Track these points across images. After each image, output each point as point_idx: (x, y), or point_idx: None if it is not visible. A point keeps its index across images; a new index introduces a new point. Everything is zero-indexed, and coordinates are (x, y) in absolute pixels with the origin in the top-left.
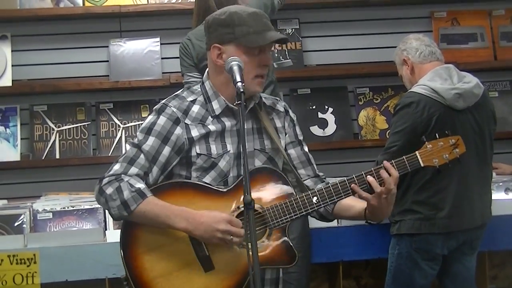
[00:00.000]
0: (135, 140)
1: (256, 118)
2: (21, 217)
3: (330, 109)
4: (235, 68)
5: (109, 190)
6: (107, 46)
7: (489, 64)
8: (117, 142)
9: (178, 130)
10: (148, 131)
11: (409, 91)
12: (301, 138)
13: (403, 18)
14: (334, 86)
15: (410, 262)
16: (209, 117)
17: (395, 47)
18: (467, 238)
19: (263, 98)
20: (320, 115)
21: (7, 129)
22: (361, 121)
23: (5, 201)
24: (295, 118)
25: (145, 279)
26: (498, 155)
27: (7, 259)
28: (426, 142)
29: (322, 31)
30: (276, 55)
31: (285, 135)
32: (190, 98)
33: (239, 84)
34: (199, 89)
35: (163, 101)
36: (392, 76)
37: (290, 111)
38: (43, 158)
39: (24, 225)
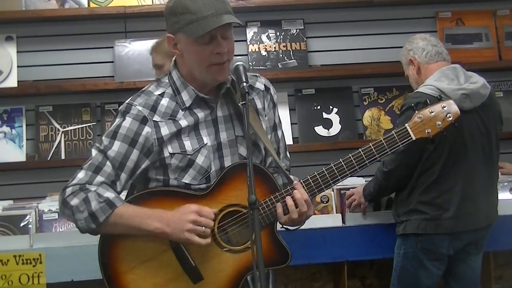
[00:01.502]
0: (101, 146)
1: (233, 103)
2: (27, 217)
3: (335, 109)
4: (241, 69)
5: (75, 201)
6: (112, 47)
7: (494, 64)
8: (88, 162)
9: (146, 130)
10: (114, 135)
11: (415, 91)
12: (277, 121)
13: (408, 19)
14: (339, 86)
15: (415, 262)
16: (180, 110)
17: (400, 47)
18: (473, 238)
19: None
20: (324, 115)
21: (13, 130)
22: (365, 121)
23: (11, 202)
24: (275, 97)
25: None
26: (504, 155)
27: (13, 259)
28: (416, 112)
29: (327, 32)
30: (281, 55)
31: (265, 117)
32: (158, 92)
33: (244, 84)
34: (167, 81)
35: (127, 100)
36: (397, 76)
37: (271, 88)
38: (48, 158)
39: (30, 226)
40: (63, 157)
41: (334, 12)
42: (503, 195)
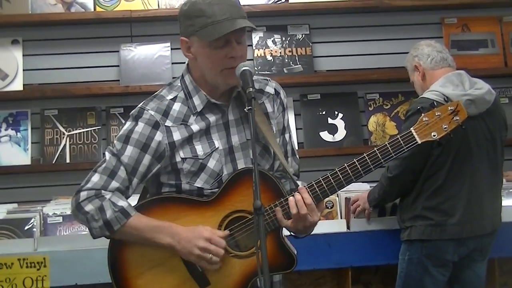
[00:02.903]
0: (114, 149)
1: (244, 106)
2: (31, 221)
3: (340, 115)
4: (247, 74)
5: (89, 208)
6: (118, 51)
7: (499, 71)
8: (103, 166)
9: (158, 136)
10: (126, 139)
11: (420, 96)
12: (286, 124)
13: (413, 24)
14: (344, 91)
15: (420, 268)
16: (191, 115)
17: (405, 53)
18: (478, 244)
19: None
20: (330, 120)
21: (18, 133)
22: (371, 126)
23: (15, 205)
24: (285, 100)
25: None
26: (509, 161)
27: (17, 262)
28: (423, 115)
29: (333, 37)
30: (287, 60)
31: (274, 120)
32: (170, 96)
33: (250, 89)
34: (179, 84)
35: (140, 105)
36: (402, 82)
37: (281, 92)
38: (53, 162)
39: (34, 229)
40: (68, 160)
41: (340, 17)
42: (508, 202)
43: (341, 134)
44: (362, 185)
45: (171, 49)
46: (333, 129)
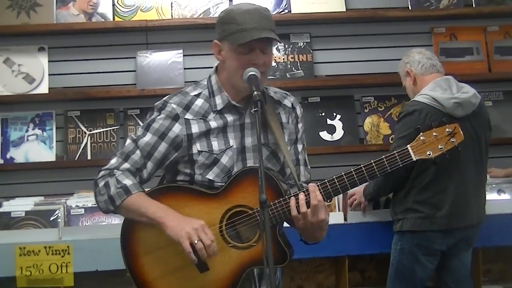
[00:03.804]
0: (135, 136)
1: (261, 112)
2: (56, 212)
3: (338, 116)
4: (252, 78)
5: (100, 184)
6: (135, 57)
7: (484, 76)
8: (122, 149)
9: (177, 127)
10: (147, 127)
11: (412, 100)
12: (299, 136)
13: (406, 33)
14: (342, 95)
15: (411, 257)
16: (211, 112)
17: (398, 59)
18: (464, 235)
19: (271, 93)
20: (329, 121)
21: (44, 133)
22: (366, 127)
23: (41, 198)
24: (300, 115)
25: (145, 280)
26: (492, 159)
27: (44, 250)
28: (421, 134)
29: (331, 45)
30: (289, 66)
31: (287, 130)
32: (194, 93)
33: (255, 93)
34: (205, 83)
35: (164, 98)
36: (395, 86)
37: (298, 107)
38: (76, 159)
39: (59, 220)
40: (89, 157)
41: (338, 27)
42: (491, 196)
43: (339, 134)
44: None
45: (183, 55)
46: (331, 129)
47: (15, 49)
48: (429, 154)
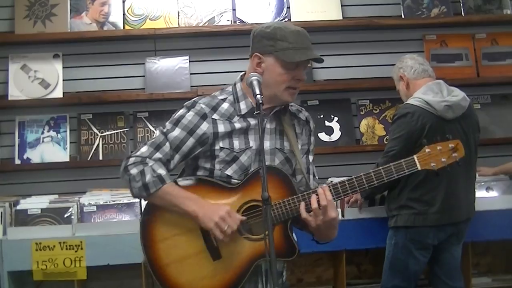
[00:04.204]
0: (164, 129)
1: (279, 121)
2: (70, 209)
3: (336, 118)
4: (255, 83)
5: (134, 171)
6: (144, 63)
7: (472, 80)
8: (151, 140)
9: (205, 125)
10: (176, 122)
11: (405, 103)
12: (311, 147)
13: (399, 40)
14: (339, 98)
15: (405, 251)
16: (236, 115)
17: (392, 65)
18: (455, 230)
19: (289, 105)
20: (327, 123)
21: (58, 134)
22: (362, 128)
23: (56, 196)
24: (313, 129)
25: (160, 264)
26: (481, 159)
27: (58, 245)
28: (426, 146)
29: (329, 51)
30: None
31: (300, 140)
32: (221, 97)
33: (258, 96)
34: (230, 90)
35: (194, 99)
36: (390, 90)
37: (311, 122)
38: (88, 159)
39: (73, 217)
40: (101, 158)
41: (335, 34)
42: (480, 194)
43: (336, 135)
44: None
45: (190, 61)
46: (329, 131)
47: (31, 56)
48: (433, 166)
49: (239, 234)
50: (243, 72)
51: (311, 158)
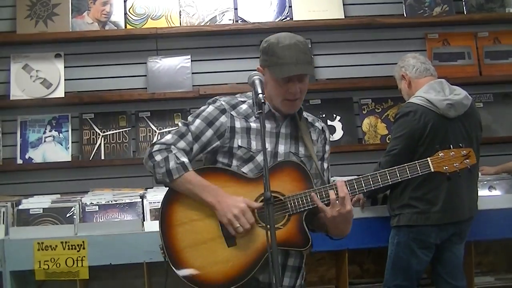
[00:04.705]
0: (186, 120)
1: (295, 126)
2: (72, 209)
3: (338, 117)
4: (256, 82)
5: (158, 158)
6: (145, 63)
7: (475, 79)
8: (175, 129)
9: (223, 118)
10: (197, 115)
11: (407, 101)
12: (326, 156)
13: (401, 39)
14: (341, 97)
15: (407, 250)
16: (253, 116)
17: (394, 64)
18: (457, 229)
19: (305, 115)
20: (329, 122)
21: (60, 134)
22: (364, 127)
23: (58, 196)
24: (328, 139)
25: (176, 248)
26: (483, 157)
27: (60, 245)
28: (439, 151)
29: (331, 50)
30: None
31: (316, 147)
32: (241, 99)
33: (260, 95)
34: (251, 94)
35: (216, 97)
36: (392, 89)
37: (327, 132)
38: (90, 159)
39: (75, 216)
40: (102, 157)
41: (338, 33)
42: (483, 193)
43: (338, 134)
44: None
45: (191, 61)
46: (331, 130)
47: (33, 56)
48: (446, 169)
49: (255, 223)
50: None
51: (325, 165)
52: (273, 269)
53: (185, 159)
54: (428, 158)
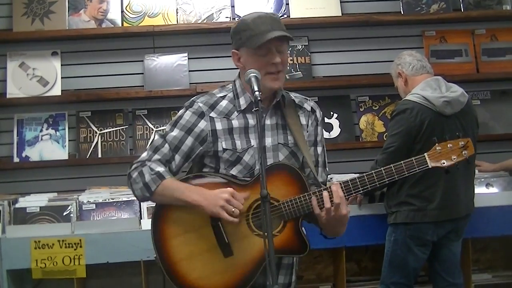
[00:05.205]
0: (163, 132)
1: (281, 115)
2: (69, 207)
3: (335, 115)
4: (253, 79)
5: (134, 174)
6: (142, 61)
7: (472, 76)
8: (150, 143)
9: (202, 123)
10: (175, 123)
11: (404, 99)
12: (319, 138)
13: (398, 36)
14: (339, 95)
15: (404, 248)
16: (235, 111)
17: (392, 61)
18: (454, 226)
19: (292, 97)
20: (326, 120)
21: (57, 132)
22: (362, 125)
23: (55, 194)
24: (320, 119)
25: (172, 260)
26: (481, 155)
27: (57, 243)
28: (436, 144)
29: (328, 47)
30: (288, 68)
31: (307, 132)
32: (220, 94)
33: (257, 93)
34: (230, 87)
35: (192, 98)
36: (389, 86)
37: (317, 111)
38: (87, 157)
39: (72, 215)
40: (99, 155)
41: (335, 30)
42: (480, 190)
43: (336, 131)
44: (355, 176)
45: (188, 58)
46: (329, 128)
47: (29, 53)
48: (443, 163)
49: (251, 232)
50: None
51: (319, 149)
52: (270, 269)
53: (160, 169)
54: (425, 154)
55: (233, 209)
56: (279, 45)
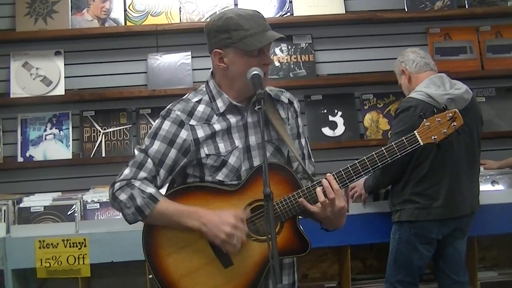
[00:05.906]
0: (142, 146)
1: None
2: (73, 207)
3: (339, 113)
4: (256, 78)
5: (123, 197)
6: (146, 60)
7: (477, 73)
8: (133, 160)
9: (183, 133)
10: (154, 135)
11: (407, 96)
12: (301, 130)
13: (403, 34)
14: (343, 93)
15: (409, 246)
16: (214, 115)
17: (395, 59)
18: (459, 224)
19: (268, 91)
20: (330, 118)
21: (61, 132)
22: (366, 123)
23: (59, 193)
24: (298, 109)
25: (170, 279)
26: (486, 152)
27: (62, 243)
28: (424, 120)
29: (332, 45)
30: (292, 66)
31: (288, 126)
32: (196, 99)
33: (259, 91)
34: (204, 89)
35: (168, 106)
36: (393, 84)
37: (295, 102)
38: (91, 156)
39: (76, 214)
40: (103, 155)
41: (339, 28)
42: (485, 187)
43: (340, 129)
44: None
45: (192, 57)
46: (333, 126)
47: (33, 53)
48: (435, 138)
49: (248, 238)
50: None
51: (303, 141)
52: (274, 273)
53: (151, 190)
54: (415, 131)
55: (235, 244)
56: (268, 46)
